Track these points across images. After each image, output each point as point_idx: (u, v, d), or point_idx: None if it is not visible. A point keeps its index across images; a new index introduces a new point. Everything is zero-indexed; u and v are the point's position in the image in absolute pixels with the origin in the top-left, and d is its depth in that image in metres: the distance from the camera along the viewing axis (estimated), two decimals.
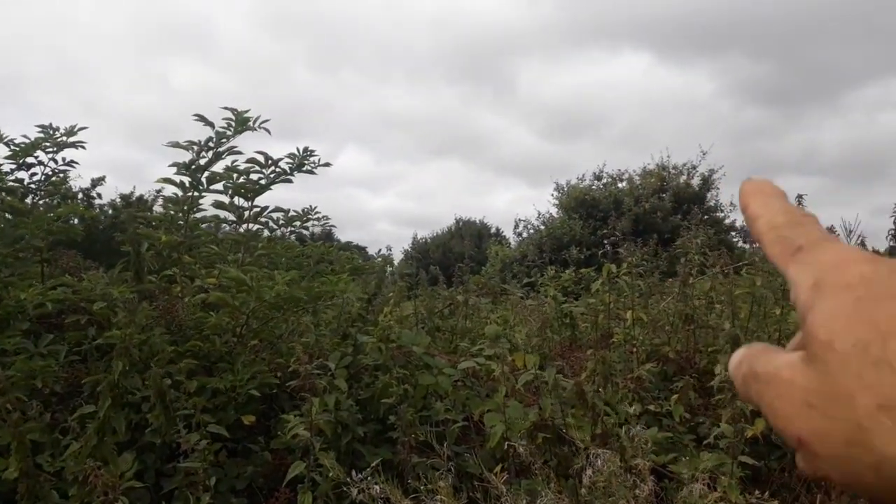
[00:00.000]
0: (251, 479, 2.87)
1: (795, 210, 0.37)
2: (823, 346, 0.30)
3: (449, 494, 2.17)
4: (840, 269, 0.32)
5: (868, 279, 0.31)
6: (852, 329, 0.29)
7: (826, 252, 0.33)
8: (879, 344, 0.28)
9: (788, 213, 0.37)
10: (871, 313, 0.29)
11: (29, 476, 2.22)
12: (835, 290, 0.31)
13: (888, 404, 0.27)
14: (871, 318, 0.29)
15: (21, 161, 3.83)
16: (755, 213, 0.38)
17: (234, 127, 3.38)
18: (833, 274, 0.32)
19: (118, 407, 2.50)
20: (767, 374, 0.33)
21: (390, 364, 3.16)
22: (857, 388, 0.28)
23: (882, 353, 0.28)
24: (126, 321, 2.50)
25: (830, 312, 0.30)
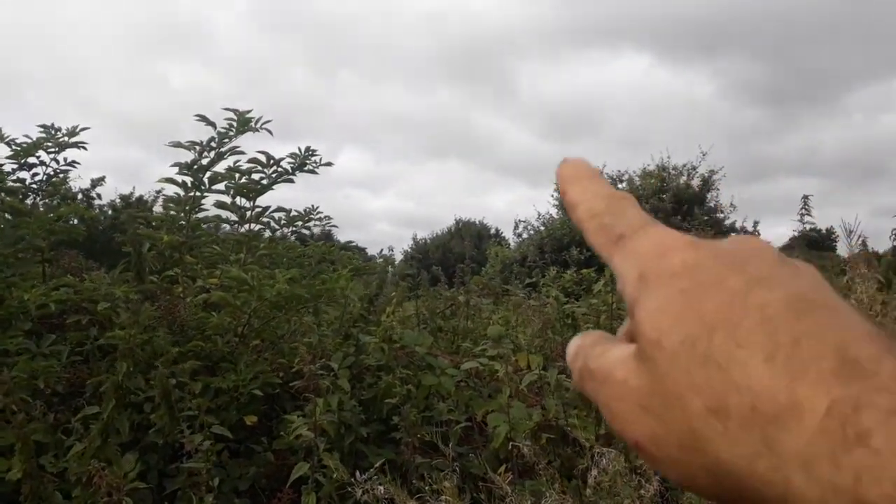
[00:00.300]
0: (254, 480, 2.86)
1: (614, 193, 0.35)
2: (652, 344, 0.28)
3: (454, 495, 2.17)
4: (663, 257, 0.30)
5: (691, 267, 0.29)
6: (679, 324, 0.28)
7: (648, 239, 0.32)
8: (706, 339, 0.27)
9: (607, 197, 0.35)
10: (697, 305, 0.28)
11: (32, 477, 2.22)
12: (659, 281, 0.29)
13: (718, 406, 0.26)
14: (697, 311, 0.28)
15: (23, 161, 3.83)
16: (574, 200, 0.36)
17: (236, 127, 3.37)
18: (656, 263, 0.30)
19: (121, 408, 2.49)
20: (601, 371, 0.31)
21: (393, 364, 3.15)
22: (686, 389, 0.27)
23: (709, 349, 0.26)
24: (130, 321, 2.50)
25: (657, 307, 0.29)
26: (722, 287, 0.28)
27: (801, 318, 0.26)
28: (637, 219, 0.33)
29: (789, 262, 0.30)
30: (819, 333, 0.25)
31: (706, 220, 17.52)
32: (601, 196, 0.35)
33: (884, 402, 0.23)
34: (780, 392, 0.24)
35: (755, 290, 0.27)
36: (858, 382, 0.24)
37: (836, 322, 0.26)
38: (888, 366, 0.24)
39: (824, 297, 0.28)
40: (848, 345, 0.25)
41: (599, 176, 0.37)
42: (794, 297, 0.27)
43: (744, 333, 0.26)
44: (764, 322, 0.26)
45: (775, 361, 0.25)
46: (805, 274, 0.29)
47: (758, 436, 0.25)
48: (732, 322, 0.26)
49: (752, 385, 0.25)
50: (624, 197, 0.35)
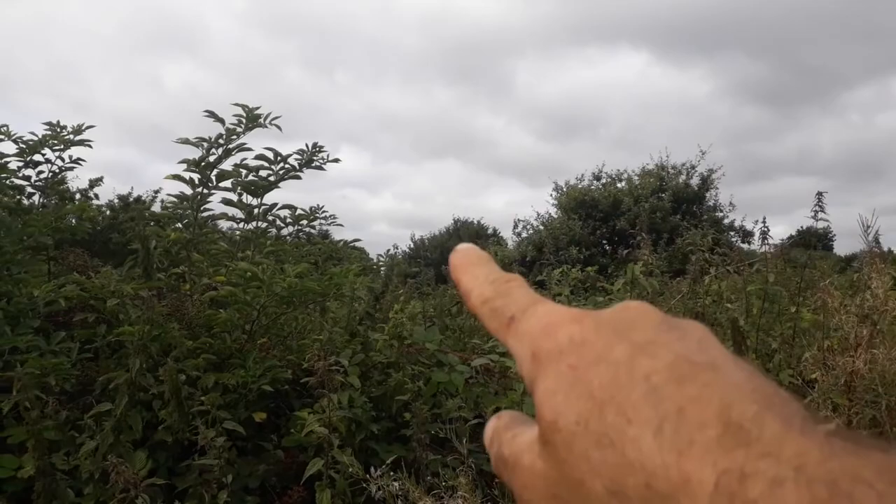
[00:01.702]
0: (264, 478, 2.85)
1: (501, 276, 0.36)
2: (550, 426, 0.28)
3: (470, 491, 2.16)
4: (550, 334, 0.30)
5: (577, 341, 0.29)
6: (572, 403, 0.27)
7: (535, 318, 0.32)
8: (598, 416, 0.26)
9: (495, 281, 0.35)
10: (586, 381, 0.27)
11: (45, 474, 2.21)
12: (550, 359, 0.29)
13: (617, 488, 0.25)
14: (587, 387, 0.27)
15: (28, 159, 3.82)
16: (466, 289, 0.36)
17: (245, 123, 3.36)
18: (545, 341, 0.30)
19: (134, 404, 2.48)
20: (511, 457, 0.31)
21: (403, 361, 3.14)
22: (586, 472, 0.26)
23: (602, 426, 0.26)
24: (144, 318, 2.48)
25: (550, 387, 0.28)
26: (608, 359, 0.28)
27: (684, 384, 0.26)
28: (524, 299, 0.33)
29: (674, 324, 0.30)
30: (702, 398, 0.25)
31: (705, 220, 17.55)
32: (489, 281, 0.35)
33: (768, 470, 0.23)
34: (671, 468, 0.24)
35: (639, 359, 0.27)
36: (741, 449, 0.23)
37: (720, 382, 0.26)
38: (770, 426, 0.24)
39: (709, 357, 0.27)
40: (731, 407, 0.25)
41: (488, 261, 0.37)
42: (677, 362, 0.27)
43: (631, 407, 0.26)
44: (649, 393, 0.26)
45: (663, 435, 0.25)
46: (690, 334, 0.29)
47: None
48: (621, 395, 0.26)
49: (644, 462, 0.25)
50: (510, 279, 0.35)
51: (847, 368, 2.74)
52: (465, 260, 0.38)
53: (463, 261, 0.38)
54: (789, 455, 0.23)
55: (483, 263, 0.37)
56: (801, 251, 4.73)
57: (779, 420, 0.24)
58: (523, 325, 0.32)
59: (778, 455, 0.23)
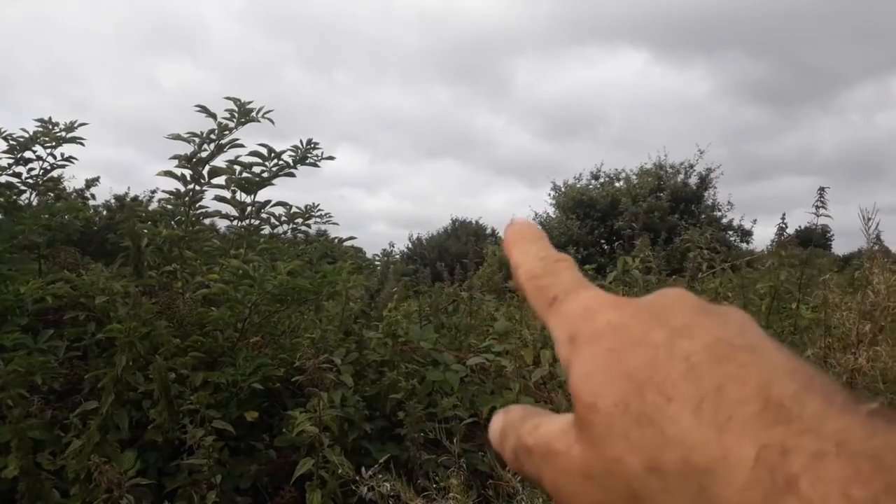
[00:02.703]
0: (255, 478, 2.81)
1: (552, 255, 0.36)
2: (588, 408, 0.28)
3: (461, 492, 2.12)
4: (589, 318, 0.31)
5: (616, 326, 0.30)
6: (611, 385, 0.28)
7: (577, 301, 0.32)
8: (637, 397, 0.27)
9: (544, 259, 0.36)
10: (625, 363, 0.28)
11: (29, 474, 2.17)
12: (588, 342, 0.30)
13: (654, 464, 0.25)
14: (626, 370, 0.28)
15: (19, 156, 3.78)
16: (516, 263, 0.36)
17: (237, 118, 3.32)
18: (584, 325, 0.31)
19: (121, 403, 2.44)
20: (541, 447, 0.31)
21: (397, 360, 3.10)
22: (624, 451, 0.26)
23: (641, 406, 0.26)
24: (130, 315, 2.44)
25: (588, 369, 0.29)
26: (646, 342, 0.28)
27: (723, 363, 0.26)
28: (570, 281, 0.34)
29: (712, 309, 0.30)
30: (741, 376, 0.25)
31: (703, 219, 17.54)
32: (539, 258, 0.36)
33: (809, 445, 0.23)
34: (710, 443, 0.24)
35: (678, 341, 0.27)
36: (783, 426, 0.24)
37: (759, 362, 0.26)
38: (811, 404, 0.24)
39: (748, 339, 0.27)
40: (771, 385, 0.25)
41: (542, 238, 0.38)
42: (716, 343, 0.27)
43: (671, 386, 0.26)
44: (688, 372, 0.26)
45: (702, 411, 0.25)
46: (730, 318, 0.29)
47: (694, 490, 0.24)
48: (660, 376, 0.27)
49: (683, 438, 0.25)
50: (560, 259, 0.35)
51: (849, 366, 2.71)
52: (519, 235, 0.38)
53: (517, 236, 0.38)
54: (830, 431, 0.23)
55: (536, 240, 0.37)
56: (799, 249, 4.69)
57: (819, 398, 0.24)
58: (565, 306, 0.32)
59: (819, 431, 0.23)
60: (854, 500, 0.21)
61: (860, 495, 0.21)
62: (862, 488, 0.21)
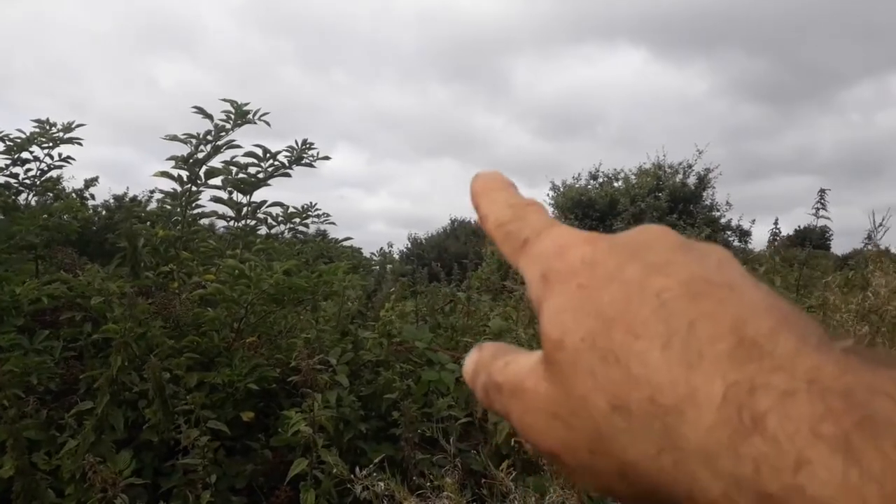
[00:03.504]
0: (251, 478, 2.82)
1: (520, 201, 0.35)
2: (555, 344, 0.27)
3: (455, 491, 2.13)
4: (562, 255, 0.30)
5: (589, 262, 0.29)
6: (580, 321, 0.27)
7: (549, 239, 0.31)
8: (605, 333, 0.26)
9: (513, 206, 0.35)
10: (596, 300, 0.27)
11: (25, 475, 2.17)
12: (560, 279, 0.29)
13: (620, 403, 0.25)
14: (596, 306, 0.27)
15: (16, 156, 3.78)
16: (484, 213, 0.35)
17: (234, 119, 3.33)
18: (556, 262, 0.30)
19: (116, 403, 2.44)
20: (510, 383, 0.30)
21: (392, 360, 3.11)
22: (590, 388, 0.26)
23: (608, 343, 0.26)
24: (126, 315, 2.45)
25: (558, 306, 0.28)
26: (619, 278, 0.27)
27: (697, 300, 0.25)
28: (540, 222, 0.33)
29: (693, 246, 0.29)
30: (715, 314, 0.25)
31: (701, 219, 17.54)
32: (507, 205, 0.35)
33: (779, 382, 0.22)
34: (678, 381, 0.24)
35: (652, 277, 0.27)
36: (754, 363, 0.23)
37: (735, 299, 0.25)
38: (785, 342, 0.23)
39: (727, 277, 0.27)
40: (745, 322, 0.24)
41: (510, 186, 0.37)
42: (692, 280, 0.26)
43: (640, 323, 0.25)
44: (660, 308, 0.25)
45: (671, 349, 0.24)
46: (709, 255, 0.28)
47: (659, 430, 0.24)
48: (630, 313, 0.26)
49: (650, 377, 0.24)
50: (529, 203, 0.35)
51: None
52: (486, 185, 0.37)
53: (484, 186, 0.37)
54: (803, 369, 0.22)
55: (504, 188, 0.36)
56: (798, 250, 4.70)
57: (794, 336, 0.23)
58: (536, 246, 0.31)
59: (791, 369, 0.22)
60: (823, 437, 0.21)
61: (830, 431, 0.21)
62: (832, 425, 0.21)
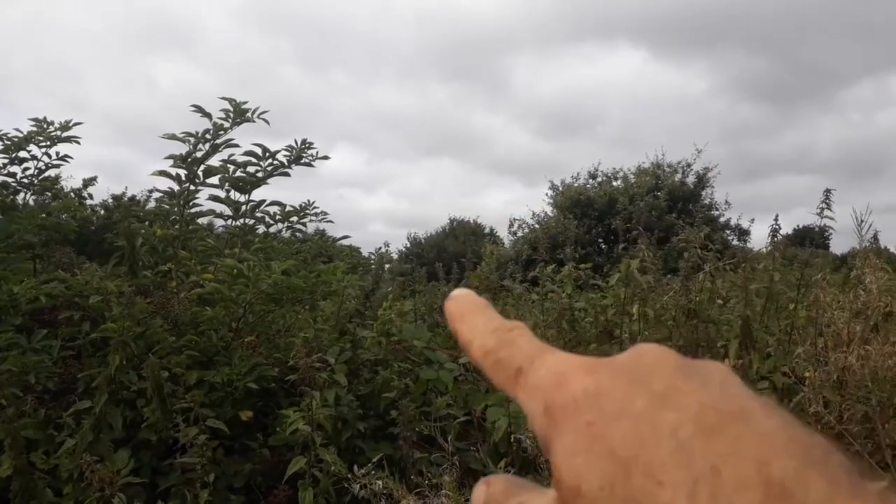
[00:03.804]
0: (249, 477, 2.82)
1: (503, 324, 0.33)
2: (573, 491, 0.25)
3: (454, 489, 2.13)
4: (562, 386, 0.28)
5: (593, 393, 0.27)
6: (594, 466, 0.25)
7: (545, 369, 0.30)
8: (623, 479, 0.24)
9: (496, 330, 0.33)
10: (607, 439, 0.25)
11: (23, 473, 2.17)
12: (565, 415, 0.27)
13: None
14: (608, 446, 0.25)
15: (14, 155, 3.78)
16: (465, 340, 0.34)
17: (232, 118, 3.32)
18: (558, 394, 0.28)
19: (114, 403, 2.44)
20: None
21: (390, 358, 3.11)
22: None
23: (629, 491, 0.24)
24: (123, 314, 2.45)
25: (569, 447, 0.26)
26: (628, 412, 0.26)
27: (714, 438, 0.24)
28: (530, 348, 0.31)
29: (693, 369, 0.28)
30: (736, 454, 0.23)
31: (700, 218, 17.54)
32: (489, 330, 0.33)
33: None
34: None
35: (662, 412, 0.25)
36: None
37: (753, 434, 0.24)
38: (815, 485, 0.22)
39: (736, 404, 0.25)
40: (770, 463, 0.22)
41: (486, 307, 0.35)
42: (703, 412, 0.25)
43: (659, 467, 0.24)
44: (678, 451, 0.24)
45: (697, 499, 0.22)
46: (710, 376, 0.27)
47: None
48: (646, 454, 0.24)
49: None
50: (513, 328, 0.33)
51: (839, 364, 2.72)
52: (462, 308, 0.35)
53: (460, 309, 0.35)
54: None
55: (481, 311, 0.34)
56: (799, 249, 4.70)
57: (824, 479, 0.22)
58: (532, 377, 0.30)
59: None
60: None
61: None
62: None
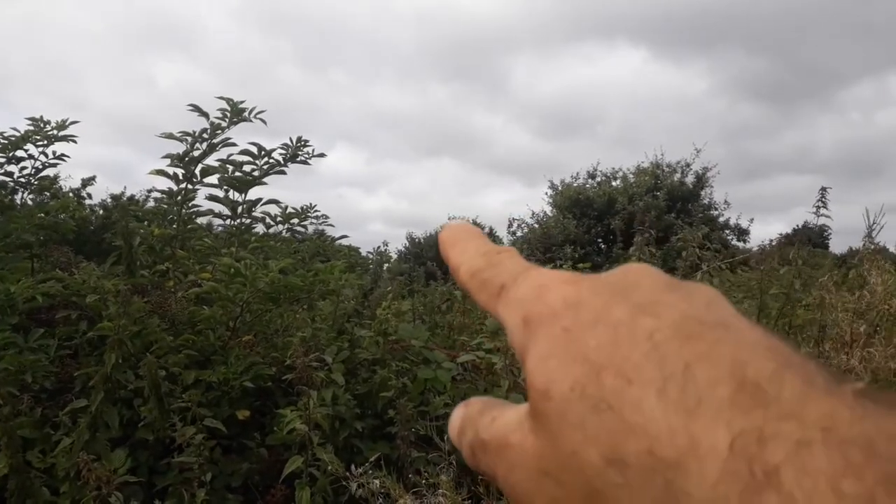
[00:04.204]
0: (247, 476, 2.82)
1: (493, 248, 0.33)
2: (541, 395, 0.25)
3: (451, 489, 2.13)
4: (542, 297, 0.28)
5: (573, 303, 0.27)
6: (567, 368, 0.25)
7: (527, 282, 0.29)
8: (595, 380, 0.24)
9: (486, 253, 0.33)
10: (582, 344, 0.25)
11: (19, 473, 2.17)
12: (542, 322, 0.27)
13: (615, 456, 0.23)
14: (583, 350, 0.25)
15: (11, 155, 3.78)
16: (455, 264, 0.34)
17: (229, 117, 3.32)
18: (537, 305, 0.28)
19: (111, 402, 2.44)
20: (495, 440, 0.28)
21: (388, 358, 3.11)
22: (581, 441, 0.24)
23: (599, 391, 0.23)
24: (119, 312, 2.44)
25: (543, 352, 0.26)
26: (606, 320, 0.25)
27: (691, 341, 0.23)
28: (517, 267, 0.31)
29: (680, 285, 0.27)
30: (712, 355, 0.23)
31: (700, 217, 17.55)
32: (479, 253, 0.33)
33: (791, 432, 0.20)
34: (677, 431, 0.22)
35: (641, 318, 0.25)
36: (760, 409, 0.21)
37: (731, 340, 0.23)
38: (791, 385, 0.21)
39: (719, 316, 0.25)
40: (745, 364, 0.22)
41: (479, 235, 0.35)
42: (684, 320, 0.24)
43: (632, 367, 0.23)
44: (652, 351, 0.24)
45: (667, 395, 0.22)
46: (698, 294, 0.27)
47: (660, 485, 0.22)
48: (620, 356, 0.24)
49: (647, 426, 0.22)
50: (503, 250, 0.33)
51: (842, 366, 2.71)
52: (455, 236, 0.35)
53: (453, 236, 0.35)
54: (815, 416, 0.20)
55: (474, 237, 0.35)
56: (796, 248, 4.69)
57: (800, 378, 0.22)
58: (514, 291, 0.29)
59: (801, 415, 0.20)
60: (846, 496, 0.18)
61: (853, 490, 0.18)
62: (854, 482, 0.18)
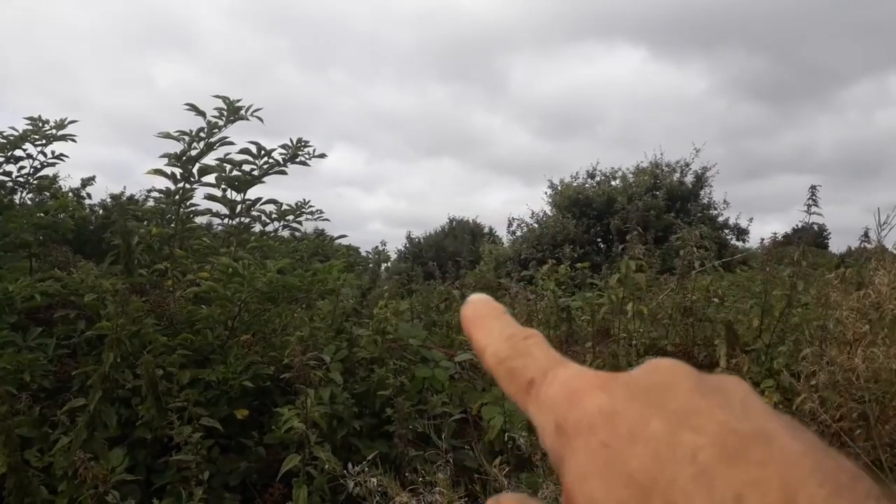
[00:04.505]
0: (245, 475, 2.82)
1: (518, 331, 0.32)
2: None
3: (448, 487, 2.13)
4: (575, 403, 0.27)
5: (607, 413, 0.26)
6: (611, 491, 0.24)
7: (558, 383, 0.29)
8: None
9: (511, 338, 0.32)
10: (624, 463, 0.25)
11: (17, 471, 2.17)
12: (578, 434, 0.26)
13: None
14: (626, 470, 0.24)
15: (9, 154, 3.78)
16: (480, 347, 0.33)
17: (226, 116, 3.32)
18: (571, 412, 0.27)
19: (109, 401, 2.44)
20: None
21: (386, 357, 3.11)
22: None
23: None
24: (117, 312, 2.45)
25: (583, 469, 0.26)
26: (645, 435, 0.25)
27: (736, 463, 0.23)
28: (545, 360, 0.30)
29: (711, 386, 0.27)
30: (761, 482, 0.22)
31: (699, 217, 17.56)
32: (504, 337, 0.32)
33: None
34: None
35: (681, 433, 0.24)
36: None
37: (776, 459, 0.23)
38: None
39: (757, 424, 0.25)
40: (796, 492, 0.22)
41: (502, 314, 0.34)
42: (724, 434, 0.24)
43: (680, 493, 0.23)
44: (699, 476, 0.23)
45: None
46: (730, 394, 0.26)
47: None
48: (665, 480, 0.23)
49: None
50: (528, 335, 0.32)
51: (845, 365, 2.71)
52: (478, 313, 0.34)
53: (476, 314, 0.34)
54: None
55: (497, 317, 0.34)
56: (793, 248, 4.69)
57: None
58: (545, 390, 0.29)
59: None
60: None
61: None
62: None
